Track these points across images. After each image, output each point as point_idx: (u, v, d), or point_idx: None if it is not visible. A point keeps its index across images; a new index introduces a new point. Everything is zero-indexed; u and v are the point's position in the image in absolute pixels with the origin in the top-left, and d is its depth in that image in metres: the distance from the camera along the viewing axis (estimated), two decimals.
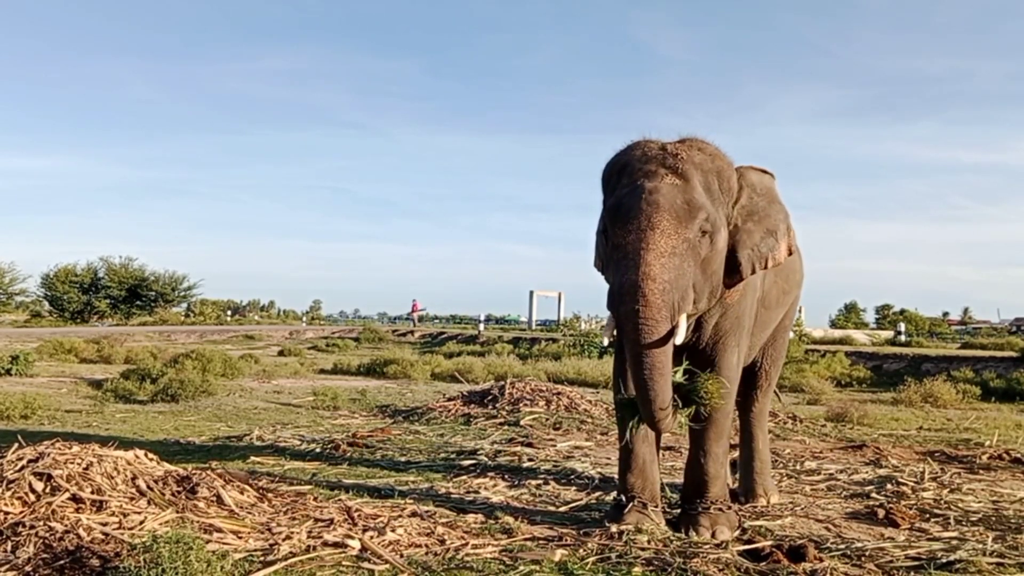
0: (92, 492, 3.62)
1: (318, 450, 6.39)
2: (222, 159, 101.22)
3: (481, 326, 32.75)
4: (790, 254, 4.22)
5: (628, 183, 3.78)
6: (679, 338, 3.68)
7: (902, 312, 47.75)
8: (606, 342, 3.89)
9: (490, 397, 9.08)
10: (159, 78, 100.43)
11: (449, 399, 9.45)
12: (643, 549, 3.61)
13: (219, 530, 3.55)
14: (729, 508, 4.18)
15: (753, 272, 4.06)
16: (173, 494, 3.85)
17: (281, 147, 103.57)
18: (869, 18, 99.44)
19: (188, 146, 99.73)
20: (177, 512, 3.66)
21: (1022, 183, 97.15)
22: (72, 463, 3.78)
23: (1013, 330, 42.22)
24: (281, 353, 21.30)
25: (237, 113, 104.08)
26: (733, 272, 3.98)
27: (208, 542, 3.31)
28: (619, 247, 3.65)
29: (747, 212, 4.07)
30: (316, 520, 3.84)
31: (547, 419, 8.18)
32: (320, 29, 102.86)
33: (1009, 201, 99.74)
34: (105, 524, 3.40)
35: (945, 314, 58.00)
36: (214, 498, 3.92)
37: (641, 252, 3.54)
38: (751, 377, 5.15)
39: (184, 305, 46.83)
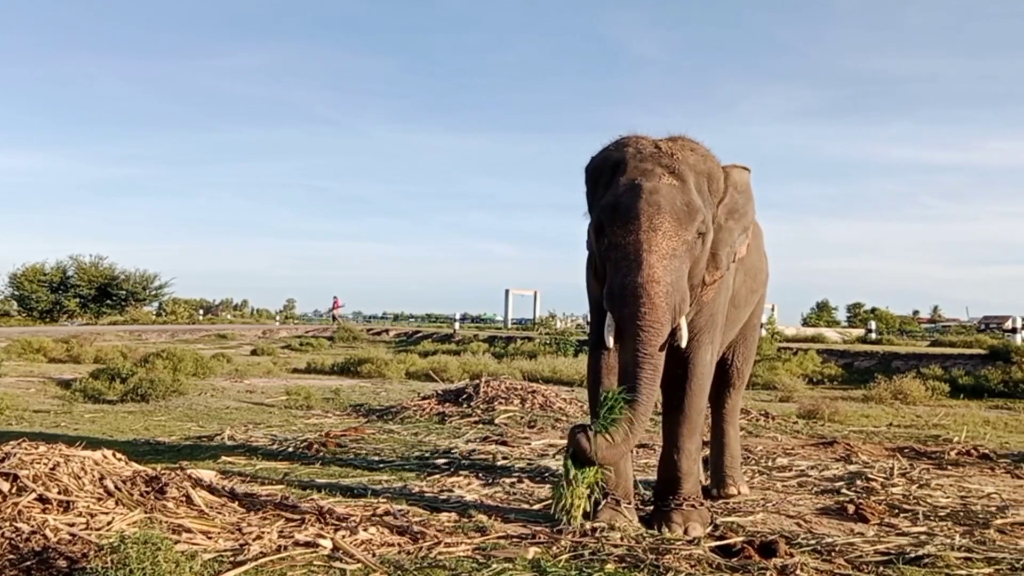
0: (59, 492, 3.57)
1: (290, 450, 6.35)
2: (196, 156, 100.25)
3: (456, 325, 32.67)
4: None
5: (625, 181, 3.76)
6: (683, 341, 3.70)
7: (873, 310, 48.19)
8: (611, 344, 3.81)
9: (465, 396, 9.07)
10: (132, 74, 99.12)
11: (423, 398, 9.42)
12: (616, 546, 3.62)
13: (188, 530, 3.52)
14: (702, 505, 4.20)
15: (728, 269, 4.10)
16: (142, 494, 3.81)
17: (255, 144, 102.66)
18: (840, 18, 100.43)
19: (161, 143, 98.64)
20: (145, 512, 3.62)
21: (991, 182, 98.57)
22: (39, 463, 3.73)
23: (981, 328, 42.69)
24: (254, 352, 21.16)
25: (211, 110, 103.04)
26: (713, 269, 4.01)
27: (177, 542, 3.27)
28: (619, 247, 3.66)
29: (729, 210, 4.12)
30: (287, 520, 3.81)
31: (522, 417, 8.19)
32: (295, 26, 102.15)
33: (978, 200, 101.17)
34: (72, 525, 3.35)
35: (915, 312, 58.60)
36: (183, 498, 3.87)
37: (643, 254, 3.56)
38: (723, 375, 5.20)
39: (155, 304, 46.32)
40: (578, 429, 3.59)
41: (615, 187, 3.78)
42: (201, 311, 47.90)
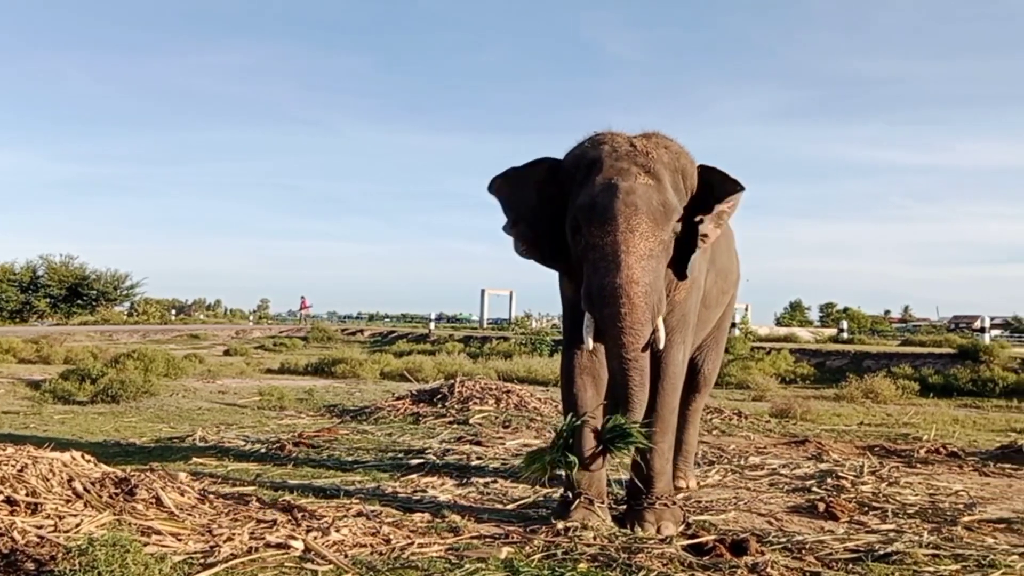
0: (27, 494, 3.52)
1: (263, 450, 6.31)
2: (169, 155, 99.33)
3: (432, 325, 32.59)
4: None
5: (601, 181, 3.75)
6: (661, 343, 3.72)
7: (845, 310, 48.65)
8: (591, 345, 3.84)
9: (439, 396, 9.05)
10: (105, 72, 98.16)
11: (398, 398, 9.39)
12: (589, 545, 3.63)
13: (158, 532, 3.48)
14: (674, 503, 4.22)
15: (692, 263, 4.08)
16: (111, 496, 3.77)
17: (231, 143, 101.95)
18: (813, 20, 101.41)
19: (134, 142, 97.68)
20: (115, 514, 3.58)
21: (961, 183, 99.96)
22: (6, 465, 3.68)
23: (951, 328, 43.21)
24: (227, 353, 21.01)
25: (185, 109, 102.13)
26: (684, 268, 4.00)
27: (146, 544, 3.24)
28: (596, 248, 3.66)
29: (696, 205, 4.05)
30: (259, 521, 3.79)
31: (496, 417, 8.18)
32: (271, 24, 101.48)
33: (948, 201, 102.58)
34: (40, 527, 3.31)
35: (886, 312, 59.24)
36: (153, 500, 3.83)
37: (622, 255, 3.56)
38: (691, 378, 5.23)
39: (127, 304, 45.86)
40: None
41: (591, 186, 3.77)
42: (173, 311, 47.47)
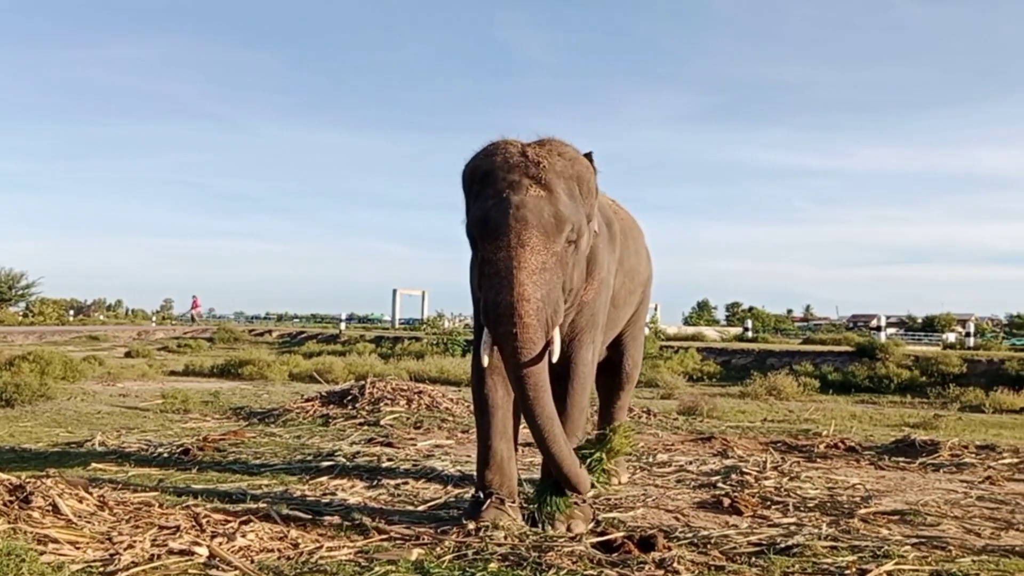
0: None
1: (166, 455, 6.11)
2: (69, 150, 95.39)
3: (343, 325, 32.18)
4: None
5: (493, 194, 3.74)
6: (555, 356, 3.73)
7: (750, 309, 50.12)
8: (486, 360, 3.84)
9: (350, 397, 8.95)
10: (1, 63, 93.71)
11: (307, 400, 9.24)
12: (500, 545, 3.63)
13: (55, 541, 3.35)
14: (584, 502, 4.26)
15: (607, 269, 4.17)
16: (5, 503, 3.61)
17: (133, 138, 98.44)
18: (719, 26, 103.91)
19: (30, 137, 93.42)
20: (9, 523, 3.43)
21: (860, 187, 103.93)
22: None
23: (850, 326, 44.98)
24: (128, 354, 20.35)
25: (85, 102, 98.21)
26: (593, 272, 4.04)
27: (43, 553, 3.12)
28: (490, 263, 3.65)
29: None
30: (161, 527, 3.67)
31: (408, 418, 8.14)
32: (174, 16, 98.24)
33: (847, 204, 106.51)
34: None
35: (789, 311, 61.22)
36: (50, 507, 3.69)
37: (514, 271, 3.55)
38: (613, 376, 5.31)
39: (22, 304, 44.00)
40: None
41: (483, 200, 3.77)
42: (72, 311, 45.69)
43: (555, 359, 3.75)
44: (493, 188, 3.76)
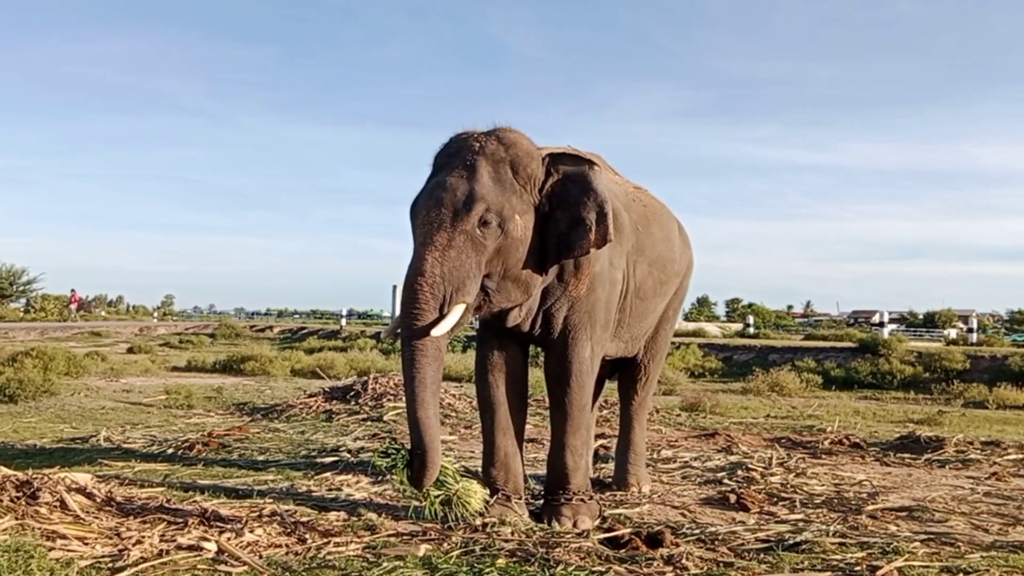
0: None
1: (171, 451, 6.11)
2: (62, 146, 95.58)
3: (343, 321, 32.17)
4: (604, 243, 3.96)
5: (426, 181, 3.93)
6: (442, 328, 3.65)
7: (750, 306, 50.10)
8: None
9: (352, 393, 8.95)
10: None
11: (310, 395, 9.24)
12: (507, 541, 3.63)
13: (63, 537, 3.35)
14: (591, 498, 4.25)
15: (559, 260, 4.00)
16: (12, 500, 3.61)
17: (125, 134, 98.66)
18: (710, 22, 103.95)
19: (23, 132, 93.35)
20: (17, 519, 3.43)
21: (852, 182, 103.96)
22: None
23: (851, 322, 44.99)
24: (130, 350, 20.35)
25: (76, 98, 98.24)
26: (543, 260, 3.97)
27: (51, 549, 3.12)
28: (413, 239, 3.83)
29: (558, 200, 3.98)
30: (169, 523, 3.67)
31: None
32: (164, 12, 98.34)
33: (842, 199, 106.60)
34: None
35: (789, 307, 61.29)
36: (57, 503, 3.69)
37: (420, 247, 3.71)
38: (632, 371, 5.24)
39: (23, 301, 43.98)
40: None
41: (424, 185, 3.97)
42: (73, 307, 45.68)
43: (439, 332, 3.66)
44: (431, 173, 3.96)
